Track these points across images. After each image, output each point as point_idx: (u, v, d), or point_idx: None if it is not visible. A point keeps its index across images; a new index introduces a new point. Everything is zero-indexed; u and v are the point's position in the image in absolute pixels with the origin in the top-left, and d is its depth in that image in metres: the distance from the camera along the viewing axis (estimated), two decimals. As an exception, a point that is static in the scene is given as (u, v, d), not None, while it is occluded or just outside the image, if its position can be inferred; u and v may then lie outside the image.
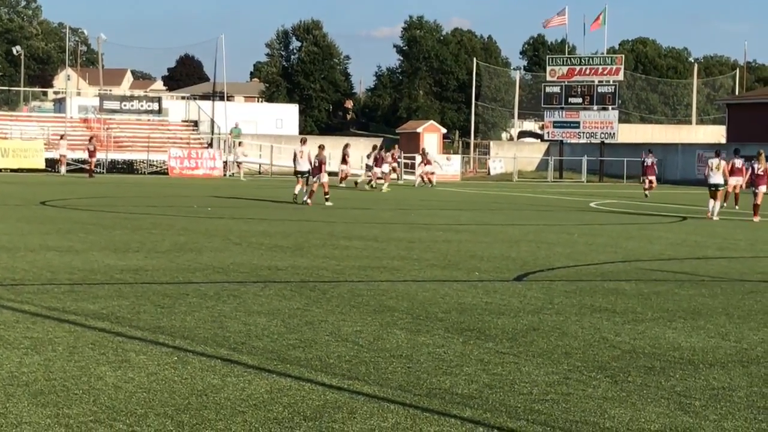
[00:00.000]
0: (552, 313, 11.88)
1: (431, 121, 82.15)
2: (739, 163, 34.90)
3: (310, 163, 35.55)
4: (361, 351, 9.41)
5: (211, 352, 9.21)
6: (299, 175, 36.22)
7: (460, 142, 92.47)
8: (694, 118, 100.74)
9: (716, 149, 39.22)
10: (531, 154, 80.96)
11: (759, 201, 32.01)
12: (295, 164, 36.41)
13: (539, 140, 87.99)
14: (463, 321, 11.16)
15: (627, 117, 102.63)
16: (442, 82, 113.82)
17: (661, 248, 20.97)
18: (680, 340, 10.29)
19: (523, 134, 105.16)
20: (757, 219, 31.16)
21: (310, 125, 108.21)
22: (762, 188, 32.37)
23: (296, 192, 35.87)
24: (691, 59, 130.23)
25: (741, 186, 36.29)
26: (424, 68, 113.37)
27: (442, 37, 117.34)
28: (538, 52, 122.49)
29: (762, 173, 32.55)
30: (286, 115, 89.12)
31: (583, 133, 72.92)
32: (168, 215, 27.14)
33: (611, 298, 13.16)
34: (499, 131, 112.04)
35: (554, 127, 73.69)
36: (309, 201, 34.14)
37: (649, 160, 49.89)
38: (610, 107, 72.22)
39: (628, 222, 29.82)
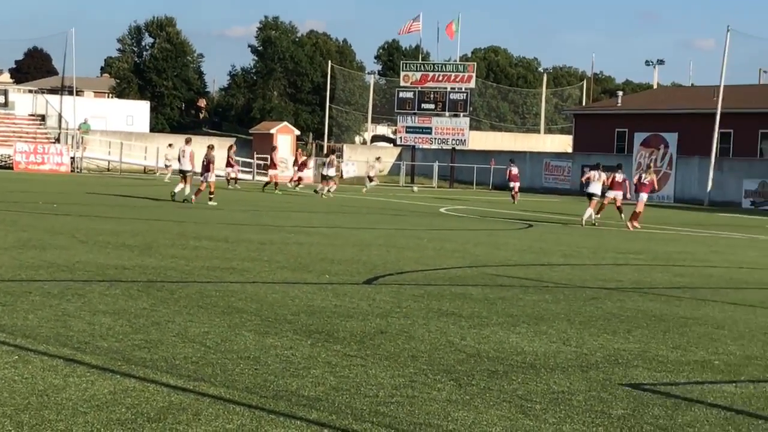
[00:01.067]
0: (400, 316, 12.00)
1: (285, 123, 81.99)
2: (619, 177, 36.26)
3: (192, 163, 37.04)
4: (208, 352, 9.36)
5: (53, 351, 9.05)
6: (182, 174, 37.36)
7: (314, 145, 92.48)
8: (542, 127, 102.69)
9: (597, 162, 40.65)
10: (384, 158, 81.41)
11: (640, 209, 33.18)
12: (179, 163, 37.74)
13: (392, 145, 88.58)
14: (312, 323, 11.19)
15: (478, 124, 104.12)
16: (296, 83, 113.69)
17: (507, 254, 21.34)
18: (523, 345, 10.50)
19: (376, 138, 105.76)
20: (636, 225, 32.38)
21: (162, 123, 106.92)
22: (644, 195, 33.51)
23: (176, 190, 36.54)
24: (541, 69, 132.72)
25: (620, 200, 37.44)
26: (278, 69, 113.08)
27: (297, 39, 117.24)
28: (392, 57, 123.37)
29: (647, 183, 33.72)
30: (137, 112, 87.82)
31: (435, 138, 73.72)
32: (12, 211, 26.52)
33: (458, 303, 13.34)
34: (352, 135, 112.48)
35: (407, 132, 74.33)
36: (194, 198, 35.17)
37: (514, 169, 51.99)
38: (461, 114, 73.17)
39: (477, 228, 30.26)
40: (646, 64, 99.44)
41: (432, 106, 73.33)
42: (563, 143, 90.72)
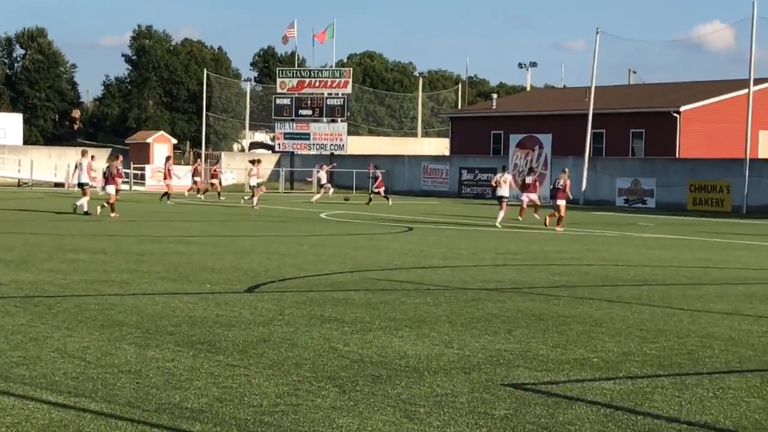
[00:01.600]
0: (282, 324, 11.97)
1: (161, 132, 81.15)
2: (529, 179, 37.59)
3: (90, 175, 36.44)
4: (89, 367, 9.22)
5: (-72, 372, 8.82)
6: (80, 187, 36.77)
7: (192, 153, 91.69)
8: (419, 131, 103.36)
9: (504, 165, 41.82)
10: (263, 165, 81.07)
11: (563, 213, 34.09)
12: (77, 176, 36.88)
13: (271, 151, 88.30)
14: (194, 334, 11.11)
15: (356, 129, 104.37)
16: (172, 92, 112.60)
17: (388, 258, 21.44)
18: (406, 349, 10.56)
19: (254, 145, 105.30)
20: (560, 229, 33.23)
21: (36, 135, 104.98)
22: (561, 201, 34.24)
23: (78, 204, 35.74)
24: (417, 73, 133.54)
25: (536, 199, 38.62)
26: (154, 78, 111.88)
27: (172, 47, 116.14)
28: (268, 63, 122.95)
29: (561, 187, 34.53)
30: (10, 124, 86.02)
31: (314, 144, 73.73)
32: None
33: (340, 308, 13.36)
34: (230, 142, 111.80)
35: (285, 138, 74.20)
36: (99, 210, 34.77)
37: (378, 173, 52.40)
38: (339, 119, 73.32)
39: (357, 233, 30.34)
40: (520, 67, 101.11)
41: (309, 112, 73.34)
42: (441, 146, 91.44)
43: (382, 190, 53.64)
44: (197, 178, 57.51)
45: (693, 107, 64.68)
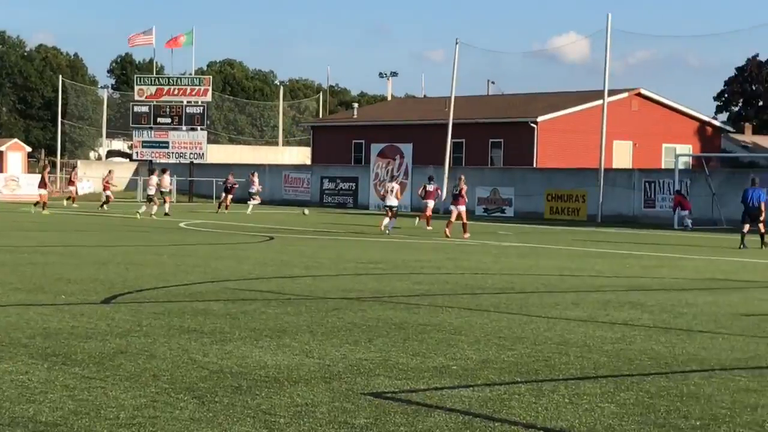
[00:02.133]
0: (140, 335, 11.80)
1: (15, 140, 79.38)
2: (431, 187, 38.85)
3: None
4: (-62, 382, 8.95)
5: None
6: None
7: (47, 161, 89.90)
8: (281, 140, 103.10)
9: (392, 175, 42.78)
10: (120, 173, 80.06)
11: (465, 219, 35.16)
12: None
13: (128, 160, 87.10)
14: (49, 346, 10.87)
15: (216, 138, 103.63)
16: (26, 99, 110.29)
17: (249, 268, 21.33)
18: (266, 359, 10.51)
19: (112, 153, 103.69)
20: (467, 236, 34.07)
21: None
22: (461, 207, 35.32)
23: None
24: (277, 82, 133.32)
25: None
26: (7, 85, 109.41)
27: (26, 53, 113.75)
28: (126, 71, 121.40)
29: (458, 193, 35.77)
30: None
31: (173, 153, 72.93)
32: None
33: (200, 319, 13.24)
34: (87, 150, 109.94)
35: (143, 146, 73.24)
36: None
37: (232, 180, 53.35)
38: (198, 128, 72.66)
39: (218, 242, 30.12)
40: (380, 76, 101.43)
41: (168, 120, 72.52)
42: (302, 155, 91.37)
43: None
44: (72, 187, 56.85)
45: (550, 117, 65.91)
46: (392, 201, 37.25)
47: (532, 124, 65.28)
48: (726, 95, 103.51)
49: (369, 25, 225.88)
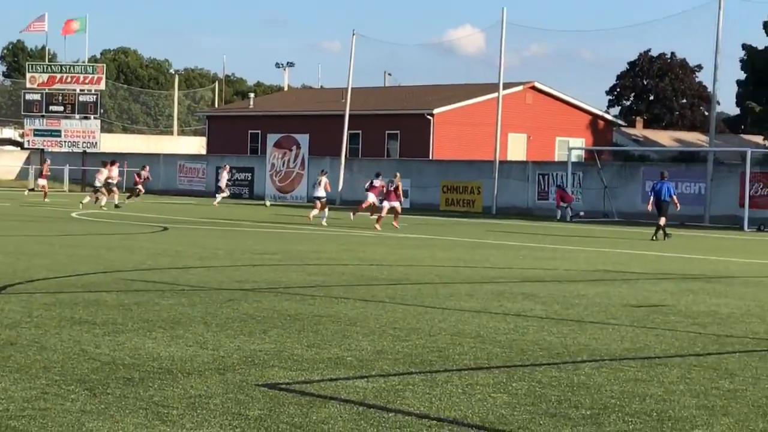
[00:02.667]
0: (31, 326, 11.62)
1: None
2: (378, 182, 39.52)
3: None
4: None
5: None
6: None
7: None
8: (175, 129, 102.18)
9: (323, 168, 43.75)
10: (11, 162, 78.65)
11: (384, 213, 36.65)
12: None
13: (19, 148, 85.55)
14: (-65, 338, 10.64)
15: (110, 126, 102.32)
16: None
17: (142, 258, 21.11)
18: (159, 350, 10.41)
19: (2, 142, 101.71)
20: (378, 227, 35.21)
21: None
22: (388, 204, 36.78)
23: None
24: (172, 71, 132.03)
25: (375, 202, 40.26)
26: None
27: None
28: (17, 57, 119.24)
29: (393, 190, 36.98)
30: None
31: (65, 141, 71.85)
32: None
33: (92, 310, 13.07)
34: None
35: (35, 135, 72.01)
36: None
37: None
38: (92, 116, 71.67)
39: (110, 232, 29.75)
40: (277, 67, 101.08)
41: (61, 108, 71.42)
42: (197, 145, 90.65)
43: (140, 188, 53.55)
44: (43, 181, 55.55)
45: (446, 110, 66.32)
46: (320, 192, 38.38)
47: (429, 116, 65.61)
48: (618, 89, 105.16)
49: (265, 15, 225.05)
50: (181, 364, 9.76)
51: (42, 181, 55.93)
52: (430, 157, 63.91)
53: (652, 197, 34.63)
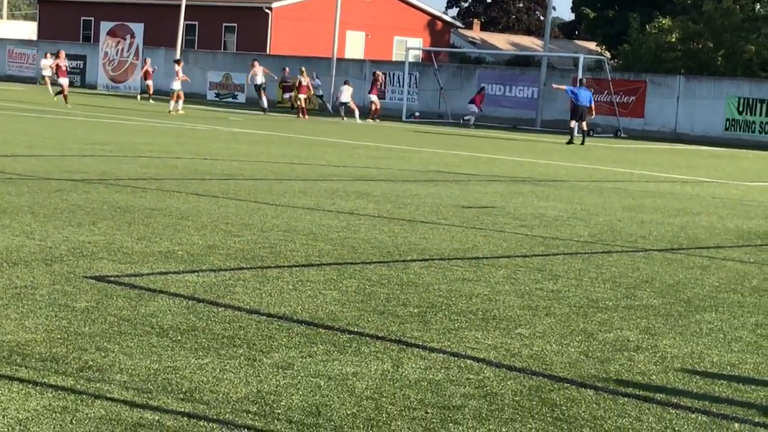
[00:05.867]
0: None
1: None
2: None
3: None
4: None
5: None
6: None
7: None
8: (5, 13, 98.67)
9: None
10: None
11: (303, 104, 42.87)
12: None
13: None
14: None
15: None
16: None
17: (-33, 145, 20.47)
18: (-16, 240, 10.17)
19: None
20: (306, 118, 39.85)
21: None
22: (302, 96, 43.25)
23: None
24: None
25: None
26: None
27: None
28: None
29: (305, 84, 43.69)
30: None
31: None
32: None
33: None
34: None
35: None
36: None
37: None
38: None
39: (-66, 117, 28.72)
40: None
41: None
42: (28, 30, 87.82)
43: None
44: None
45: (285, 4, 65.63)
46: (176, 85, 41.02)
47: (267, 10, 64.85)
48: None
49: None
50: (6, 254, 9.55)
51: None
52: (268, 52, 63.29)
53: (571, 99, 36.24)
